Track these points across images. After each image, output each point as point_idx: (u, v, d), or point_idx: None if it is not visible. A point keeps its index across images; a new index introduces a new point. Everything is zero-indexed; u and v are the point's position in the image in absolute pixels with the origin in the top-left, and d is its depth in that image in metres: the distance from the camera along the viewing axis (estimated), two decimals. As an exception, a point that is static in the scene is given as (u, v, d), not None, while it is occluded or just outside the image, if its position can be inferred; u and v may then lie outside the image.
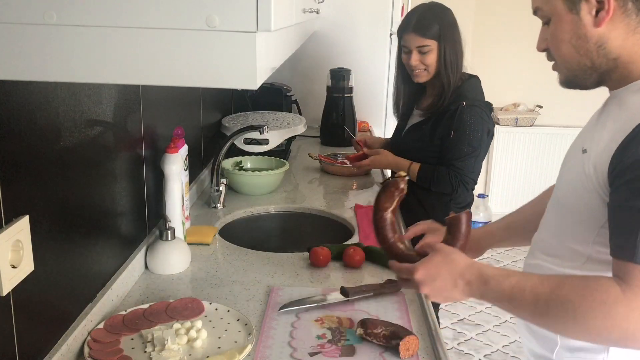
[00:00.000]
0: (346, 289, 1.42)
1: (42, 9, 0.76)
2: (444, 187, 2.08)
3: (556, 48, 1.07)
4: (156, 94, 1.65)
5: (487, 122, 2.08)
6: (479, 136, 2.05)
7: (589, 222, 1.06)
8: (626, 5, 0.99)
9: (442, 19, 2.07)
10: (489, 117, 2.11)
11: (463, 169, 2.06)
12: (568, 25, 1.03)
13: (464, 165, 2.06)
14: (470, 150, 2.04)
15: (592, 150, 1.05)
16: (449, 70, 2.07)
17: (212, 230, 1.80)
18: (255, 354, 1.20)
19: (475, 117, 2.04)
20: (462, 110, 2.03)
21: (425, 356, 1.22)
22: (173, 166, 1.61)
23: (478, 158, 2.08)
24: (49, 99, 1.05)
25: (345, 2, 3.11)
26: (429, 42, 2.06)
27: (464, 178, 2.06)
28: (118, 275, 1.40)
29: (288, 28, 1.23)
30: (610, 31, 1.01)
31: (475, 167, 2.09)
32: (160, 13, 0.77)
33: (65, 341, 1.12)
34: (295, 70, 3.18)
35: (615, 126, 1.02)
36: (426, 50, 2.06)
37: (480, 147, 2.07)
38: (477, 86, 2.14)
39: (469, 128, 2.03)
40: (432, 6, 2.13)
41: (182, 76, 0.81)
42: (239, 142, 2.31)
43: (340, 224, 1.99)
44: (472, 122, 2.03)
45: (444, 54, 2.06)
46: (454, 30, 2.09)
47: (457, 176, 2.06)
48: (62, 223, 1.13)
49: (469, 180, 2.08)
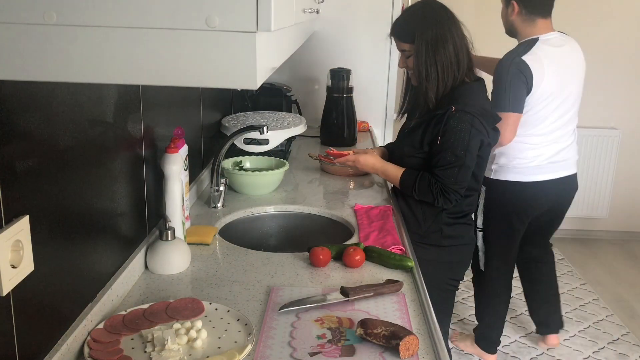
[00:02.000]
0: (346, 289, 1.43)
1: (42, 9, 0.76)
2: (425, 195, 1.94)
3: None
4: (156, 94, 1.65)
5: (480, 131, 1.89)
6: (464, 144, 1.87)
7: None
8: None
9: (421, 20, 1.92)
10: (485, 125, 1.91)
11: (444, 179, 1.89)
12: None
13: (445, 174, 1.89)
14: (454, 159, 1.88)
15: None
16: (427, 73, 1.91)
17: (212, 230, 1.80)
18: (255, 354, 1.20)
19: (463, 124, 1.86)
20: (450, 116, 1.87)
21: (425, 356, 1.22)
22: (173, 166, 1.61)
23: (463, 168, 1.89)
24: (49, 99, 1.05)
25: (345, 2, 3.11)
26: (405, 46, 1.97)
27: (445, 188, 1.90)
28: (118, 275, 1.40)
29: (288, 28, 1.23)
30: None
31: (459, 178, 1.90)
32: (160, 13, 0.77)
33: (65, 341, 1.12)
34: (295, 70, 3.18)
35: None
36: (407, 54, 1.97)
37: (466, 157, 1.88)
38: (477, 91, 1.98)
39: (454, 135, 1.87)
40: (416, 8, 1.99)
41: (182, 76, 0.81)
42: (239, 142, 2.31)
43: (340, 224, 1.99)
44: (458, 129, 1.86)
45: (418, 57, 1.92)
46: (435, 31, 1.90)
47: (437, 185, 1.90)
48: (62, 223, 1.13)
49: (451, 192, 1.90)
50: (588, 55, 2.84)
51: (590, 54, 3.03)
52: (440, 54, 1.90)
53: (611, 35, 4.32)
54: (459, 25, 1.96)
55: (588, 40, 4.00)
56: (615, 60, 4.35)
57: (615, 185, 4.57)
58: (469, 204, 2.05)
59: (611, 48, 4.32)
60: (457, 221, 2.04)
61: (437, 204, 1.93)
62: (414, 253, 1.74)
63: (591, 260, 4.35)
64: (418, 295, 1.48)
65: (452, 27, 1.93)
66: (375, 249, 1.66)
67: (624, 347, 3.25)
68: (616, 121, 4.49)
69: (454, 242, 2.06)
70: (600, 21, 4.29)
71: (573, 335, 3.34)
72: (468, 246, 2.15)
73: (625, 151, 4.52)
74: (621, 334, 3.38)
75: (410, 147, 2.00)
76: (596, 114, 4.37)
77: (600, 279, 4.07)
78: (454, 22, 1.95)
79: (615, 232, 4.70)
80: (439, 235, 2.02)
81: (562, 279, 4.00)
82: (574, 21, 4.18)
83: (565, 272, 4.10)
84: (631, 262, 4.35)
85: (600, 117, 4.40)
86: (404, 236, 1.84)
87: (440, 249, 2.04)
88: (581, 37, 2.79)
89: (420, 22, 1.92)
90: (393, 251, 1.67)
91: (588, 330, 3.40)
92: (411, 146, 2.00)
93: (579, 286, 3.92)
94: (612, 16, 4.30)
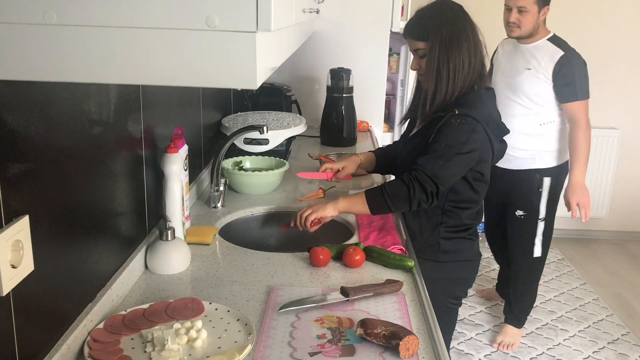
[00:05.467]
0: (346, 289, 1.42)
1: (42, 9, 0.76)
2: (398, 194, 1.72)
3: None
4: (156, 94, 1.65)
5: (481, 141, 1.76)
6: (459, 143, 1.72)
7: None
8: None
9: (437, 17, 1.81)
10: (489, 134, 1.79)
11: (424, 167, 1.71)
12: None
13: (427, 162, 1.71)
14: (442, 151, 1.71)
15: None
16: (439, 73, 1.79)
17: (212, 230, 1.80)
18: (255, 354, 1.20)
19: (463, 125, 1.74)
20: (452, 116, 1.74)
21: (425, 356, 1.22)
22: (173, 166, 1.61)
23: (449, 163, 1.72)
24: (49, 99, 1.05)
25: (345, 2, 3.11)
26: (419, 44, 1.82)
27: (419, 175, 1.70)
28: (118, 275, 1.40)
29: (288, 28, 1.23)
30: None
31: (440, 172, 1.70)
32: (160, 13, 0.77)
33: (65, 341, 1.12)
34: (295, 70, 3.18)
35: None
36: (421, 53, 1.83)
37: (456, 155, 1.72)
38: (486, 99, 1.84)
39: (451, 132, 1.73)
40: (432, 6, 1.86)
41: (182, 76, 0.81)
42: (239, 142, 2.31)
43: (340, 224, 1.99)
44: (457, 128, 1.73)
45: (431, 54, 1.79)
46: (451, 29, 1.78)
47: (411, 173, 1.71)
48: (62, 223, 1.13)
49: (425, 179, 1.69)
50: (588, 55, 2.84)
51: (591, 54, 3.03)
52: (454, 53, 1.78)
53: (611, 35, 4.32)
54: (475, 28, 1.85)
55: (588, 40, 4.01)
56: (615, 60, 4.35)
57: (615, 185, 4.57)
58: (469, 217, 1.90)
59: (611, 48, 4.32)
60: (456, 235, 1.90)
61: (411, 195, 1.70)
62: (414, 253, 1.74)
63: (591, 260, 4.35)
64: (418, 295, 1.48)
65: (468, 27, 1.83)
66: (375, 248, 1.66)
67: (624, 347, 3.25)
68: (616, 121, 4.49)
69: (453, 258, 1.91)
70: (600, 21, 4.29)
71: (573, 335, 3.34)
72: (471, 262, 1.98)
73: (625, 151, 4.52)
74: (621, 333, 3.38)
75: (409, 152, 1.89)
76: (596, 114, 4.36)
77: (600, 279, 4.07)
78: (471, 24, 1.84)
79: (615, 232, 4.70)
80: (436, 249, 1.89)
81: (562, 279, 4.00)
82: (574, 21, 4.19)
83: (565, 272, 4.10)
84: (631, 262, 4.35)
85: (600, 117, 4.39)
86: (404, 236, 1.84)
87: (437, 265, 1.88)
88: (581, 37, 2.80)
89: (436, 20, 1.81)
90: (393, 251, 1.67)
91: (588, 330, 3.40)
92: (411, 154, 1.86)
93: (579, 286, 3.92)
94: (613, 16, 4.30)
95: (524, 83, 2.81)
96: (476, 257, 1.99)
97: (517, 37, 2.82)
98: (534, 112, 2.85)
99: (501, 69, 2.95)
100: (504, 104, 2.72)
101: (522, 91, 2.82)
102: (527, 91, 2.81)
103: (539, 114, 2.85)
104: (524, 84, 2.81)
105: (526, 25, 2.75)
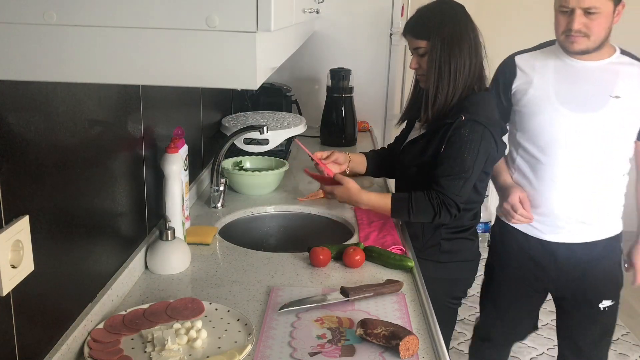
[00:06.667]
0: (346, 289, 1.43)
1: (42, 9, 0.76)
2: (425, 212, 1.75)
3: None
4: (156, 94, 1.65)
5: (489, 143, 1.76)
6: (474, 156, 1.73)
7: None
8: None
9: (438, 16, 1.80)
10: (495, 136, 1.78)
11: (448, 190, 1.72)
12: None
13: (450, 184, 1.73)
14: (462, 170, 1.73)
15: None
16: (439, 73, 1.77)
17: (212, 230, 1.80)
18: (255, 354, 1.20)
19: (474, 134, 1.72)
20: (460, 124, 1.72)
21: (425, 356, 1.22)
22: (173, 166, 1.61)
23: (468, 181, 1.75)
24: (49, 99, 1.05)
25: (345, 2, 3.11)
26: (420, 43, 1.80)
27: (447, 199, 1.72)
28: (118, 275, 1.40)
29: (288, 28, 1.23)
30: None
31: (462, 191, 1.74)
32: (160, 13, 0.77)
33: (65, 341, 1.12)
34: (295, 70, 3.19)
35: None
36: (421, 51, 1.81)
37: (473, 170, 1.74)
38: (488, 101, 1.83)
39: (464, 145, 1.72)
40: (433, 5, 1.85)
41: (182, 76, 0.81)
42: (239, 142, 2.31)
43: (340, 224, 1.99)
44: (469, 139, 1.72)
45: (432, 53, 1.77)
46: (452, 28, 1.77)
47: (439, 196, 1.73)
48: (62, 223, 1.13)
49: (452, 203, 1.73)
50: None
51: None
52: (455, 53, 1.77)
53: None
54: (476, 29, 1.83)
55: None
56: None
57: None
58: (470, 217, 1.91)
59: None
60: (456, 236, 1.91)
61: (436, 219, 1.75)
62: (414, 254, 1.74)
63: (591, 260, 4.34)
64: (418, 295, 1.48)
65: (469, 27, 1.81)
66: (375, 249, 1.66)
67: (624, 347, 3.25)
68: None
69: (453, 258, 1.91)
70: None
71: (573, 335, 3.34)
72: (470, 263, 1.98)
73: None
74: (621, 334, 3.38)
75: (412, 156, 1.86)
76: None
77: (600, 279, 4.06)
78: (472, 24, 1.83)
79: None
80: (437, 250, 1.88)
81: (562, 279, 4.00)
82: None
83: (565, 272, 4.10)
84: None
85: None
86: (404, 236, 1.84)
87: (438, 265, 1.89)
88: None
89: (437, 18, 1.80)
90: (393, 251, 1.67)
91: (588, 330, 3.40)
92: (415, 159, 1.85)
93: (579, 286, 3.92)
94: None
95: (609, 117, 1.89)
96: (476, 257, 2.00)
97: (583, 51, 1.90)
98: (618, 157, 1.98)
99: (554, 93, 1.93)
100: (569, 147, 1.92)
101: (607, 129, 1.91)
102: (615, 130, 1.92)
103: (623, 159, 2.00)
104: (611, 117, 1.89)
105: (598, 33, 1.88)
